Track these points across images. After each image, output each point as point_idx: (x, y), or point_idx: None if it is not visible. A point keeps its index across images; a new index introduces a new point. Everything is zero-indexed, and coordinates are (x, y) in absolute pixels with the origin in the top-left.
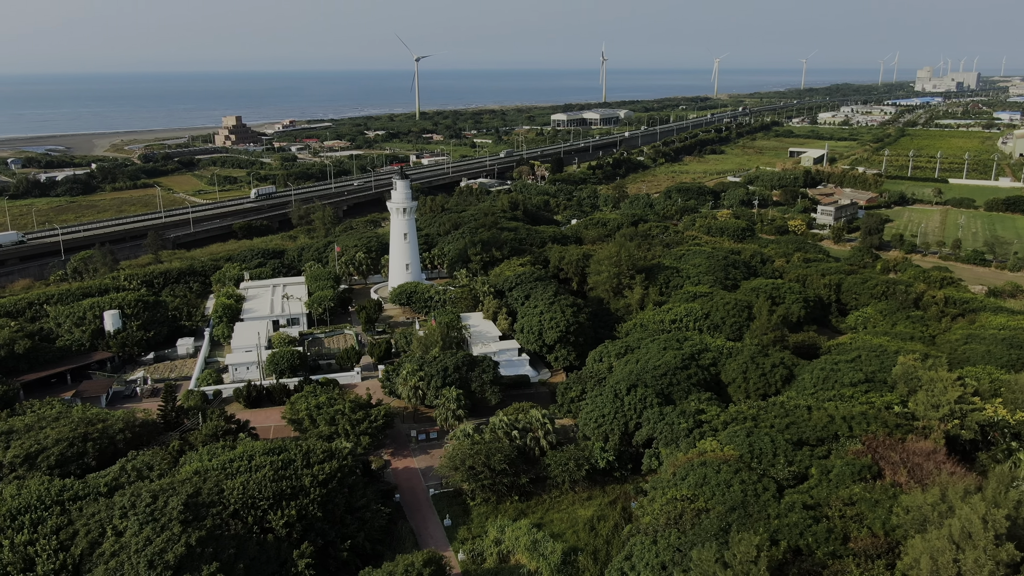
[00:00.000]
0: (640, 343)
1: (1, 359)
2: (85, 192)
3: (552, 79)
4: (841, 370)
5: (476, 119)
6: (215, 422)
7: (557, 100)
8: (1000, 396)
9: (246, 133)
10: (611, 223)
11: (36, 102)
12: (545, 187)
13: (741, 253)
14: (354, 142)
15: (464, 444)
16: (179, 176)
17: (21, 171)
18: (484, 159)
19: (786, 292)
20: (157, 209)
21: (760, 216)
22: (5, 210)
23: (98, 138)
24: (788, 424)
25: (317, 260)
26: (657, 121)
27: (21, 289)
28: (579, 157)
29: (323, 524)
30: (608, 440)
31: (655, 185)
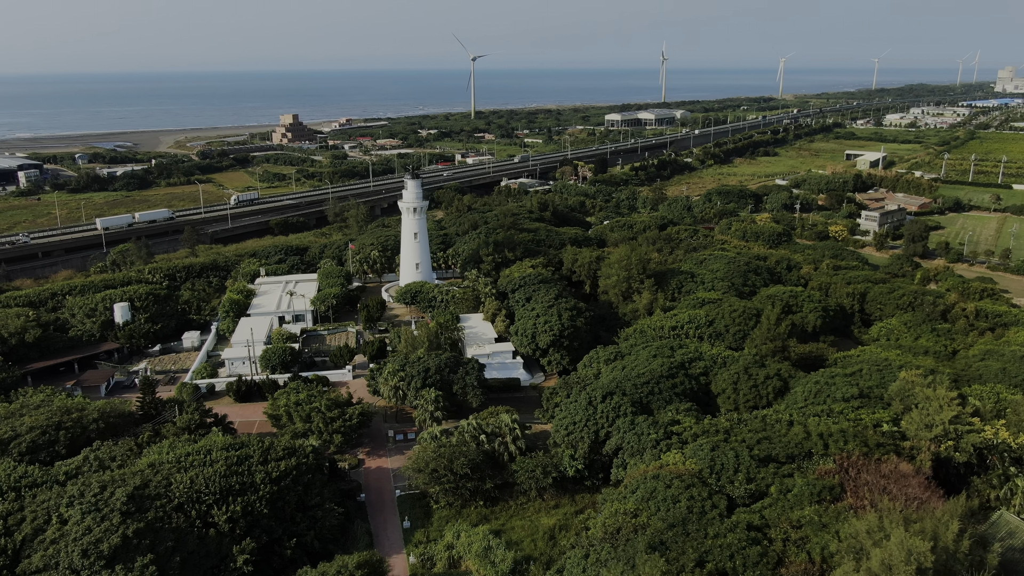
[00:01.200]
0: (632, 349)
1: (11, 347)
2: (141, 187)
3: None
4: (836, 384)
5: (530, 119)
6: (189, 415)
7: (615, 100)
8: (1004, 417)
9: (302, 131)
10: (637, 225)
11: (111, 100)
12: (585, 188)
13: (767, 259)
14: (406, 140)
15: (430, 447)
16: (232, 172)
17: (86, 166)
18: (527, 159)
19: (804, 300)
20: (203, 204)
21: (801, 221)
22: (56, 202)
23: (164, 135)
24: (760, 439)
25: (336, 258)
26: (712, 122)
27: (61, 279)
28: (627, 158)
29: (270, 521)
30: (578, 448)
31: (700, 187)
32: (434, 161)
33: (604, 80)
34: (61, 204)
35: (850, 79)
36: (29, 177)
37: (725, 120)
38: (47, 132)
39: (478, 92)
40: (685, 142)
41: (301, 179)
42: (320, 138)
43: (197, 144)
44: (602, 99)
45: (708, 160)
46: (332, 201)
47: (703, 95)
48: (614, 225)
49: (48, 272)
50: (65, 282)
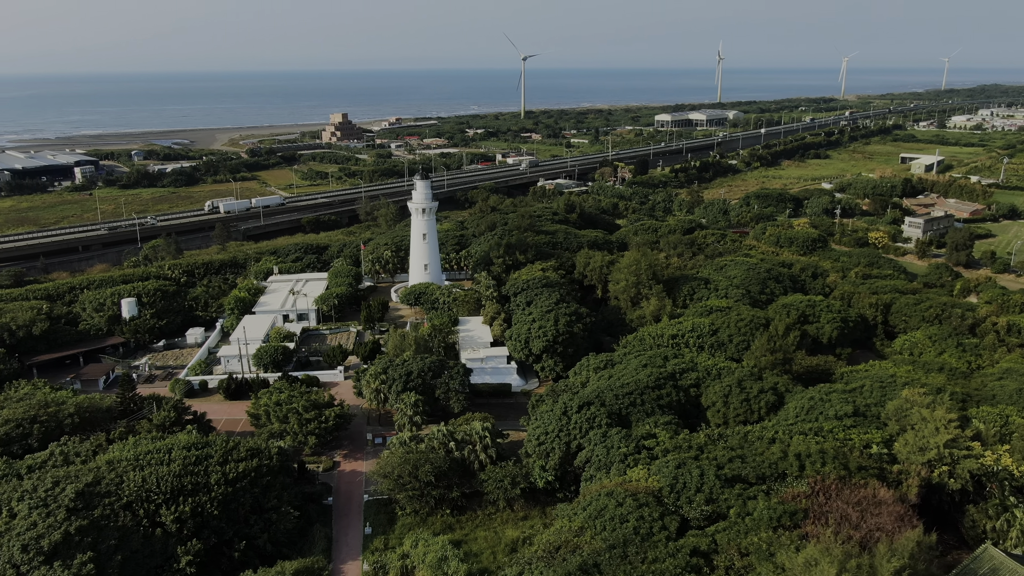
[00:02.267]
0: (624, 358)
1: (19, 339)
2: (188, 184)
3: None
4: (831, 401)
5: (579, 119)
6: (165, 413)
7: (670, 100)
8: (1009, 442)
9: (351, 130)
10: (662, 229)
11: (176, 98)
12: (621, 189)
13: (793, 265)
14: (452, 140)
15: (398, 452)
16: (278, 170)
17: (140, 163)
18: (566, 159)
19: (822, 310)
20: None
21: (841, 226)
22: (103, 198)
23: (220, 133)
24: (733, 458)
25: (353, 257)
26: (764, 123)
27: (97, 272)
28: (671, 159)
29: (220, 522)
30: (549, 459)
31: (742, 190)
32: (475, 161)
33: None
34: (111, 199)
35: (918, 79)
36: (84, 173)
37: (779, 121)
38: (112, 129)
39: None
40: (733, 143)
41: (342, 177)
42: (368, 137)
43: (250, 142)
44: (656, 99)
45: (754, 162)
46: (364, 200)
47: (761, 95)
48: (638, 228)
49: (84, 266)
50: (85, 276)
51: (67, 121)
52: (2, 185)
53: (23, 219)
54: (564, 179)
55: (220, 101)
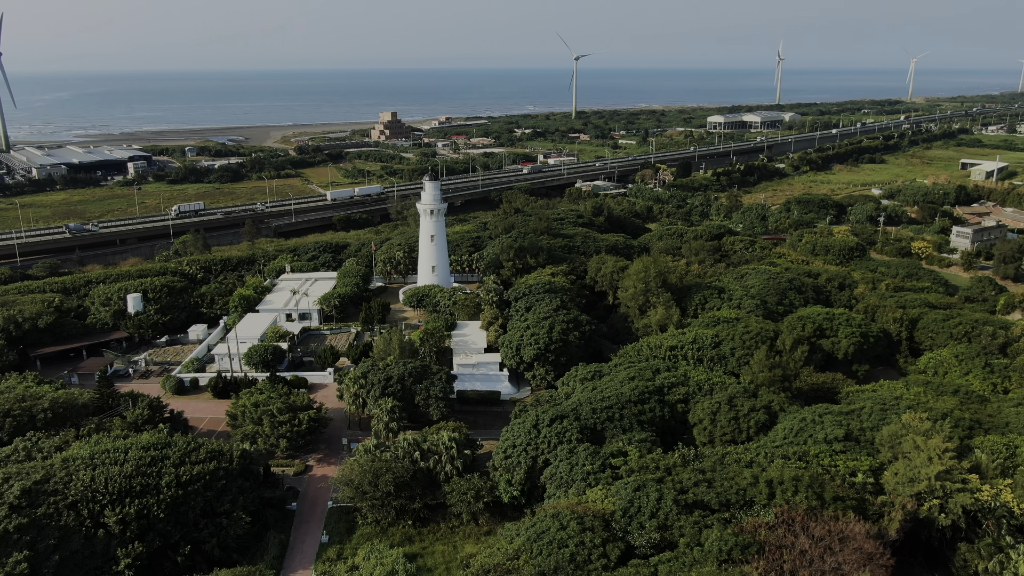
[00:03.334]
0: (614, 369)
1: (25, 331)
2: (233, 180)
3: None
4: (823, 423)
5: (630, 120)
6: (139, 411)
7: (726, 102)
8: (1013, 476)
9: (400, 128)
10: (688, 234)
11: (239, 96)
12: (659, 192)
13: (820, 275)
14: (498, 140)
15: (362, 460)
16: (322, 168)
17: (192, 158)
18: (607, 160)
19: (840, 324)
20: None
21: (884, 235)
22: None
23: (274, 130)
24: (699, 481)
25: (369, 257)
26: (819, 125)
27: (129, 266)
28: (717, 162)
29: (167, 525)
30: (515, 473)
31: (788, 195)
32: (516, 161)
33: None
34: (157, 194)
35: (994, 81)
36: (137, 168)
37: (837, 124)
38: (173, 126)
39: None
40: (784, 147)
41: (383, 176)
42: (417, 136)
43: (301, 139)
44: (713, 100)
45: (803, 166)
46: (395, 199)
47: (823, 97)
48: (663, 233)
49: (118, 259)
50: (102, 271)
51: (133, 117)
52: (58, 178)
53: (71, 212)
54: (603, 181)
55: (280, 99)
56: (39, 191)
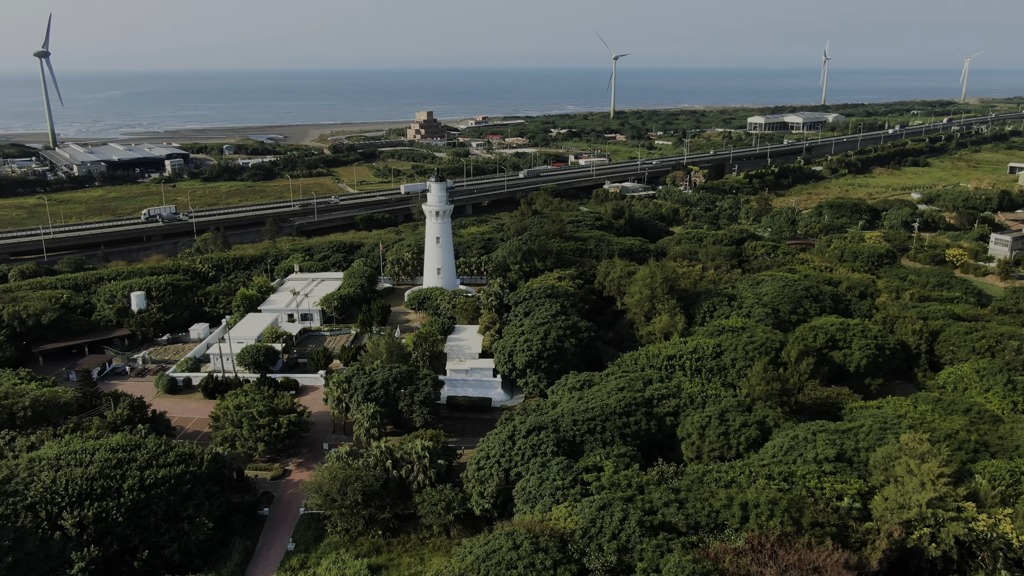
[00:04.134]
0: (605, 379)
1: (29, 327)
2: (266, 178)
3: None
4: (816, 442)
5: (669, 120)
6: (119, 410)
7: (768, 102)
8: (1015, 505)
9: (435, 127)
10: (708, 238)
11: (284, 95)
12: (688, 195)
13: (840, 283)
14: (533, 140)
15: (333, 467)
16: (355, 167)
17: (229, 156)
18: (636, 162)
19: (855, 335)
20: (300, 197)
21: (918, 241)
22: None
23: (313, 128)
24: (671, 501)
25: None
26: (862, 127)
27: (154, 262)
28: (754, 164)
29: (126, 529)
30: (487, 485)
31: (823, 198)
32: (547, 161)
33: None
34: (190, 191)
35: None
36: (174, 166)
37: (882, 126)
38: (217, 124)
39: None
40: (825, 148)
41: (413, 175)
42: (452, 135)
43: (339, 138)
44: (755, 100)
45: (841, 169)
46: (418, 198)
47: (871, 97)
48: (682, 237)
49: (142, 256)
50: (113, 268)
51: (179, 115)
52: (97, 175)
53: (105, 208)
54: (631, 182)
55: (324, 98)
56: (78, 187)
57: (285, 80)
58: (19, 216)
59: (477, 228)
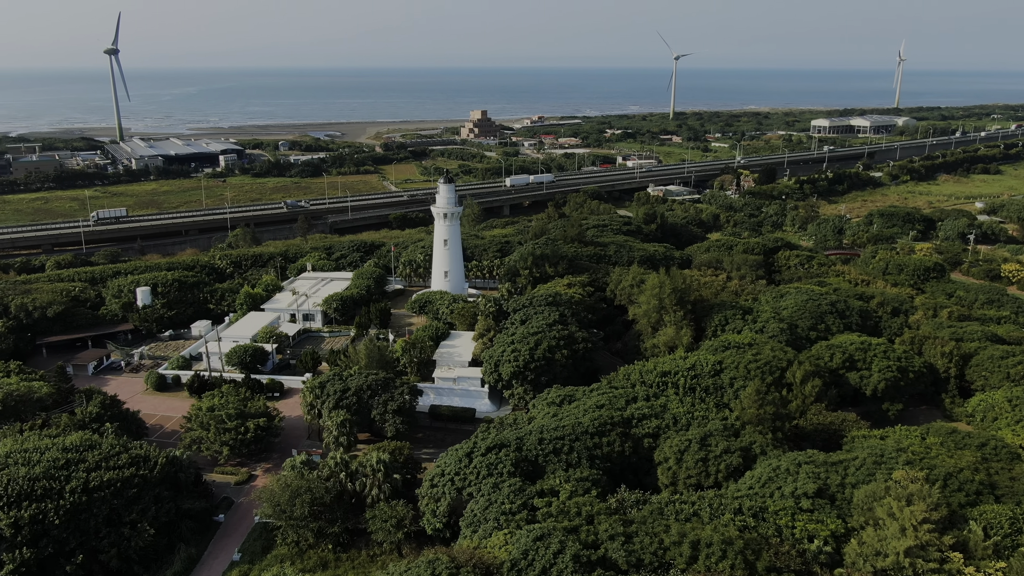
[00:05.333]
0: (588, 394)
1: (35, 319)
2: (314, 175)
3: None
4: (798, 475)
5: (729, 122)
6: (90, 408)
7: (837, 104)
8: (1010, 559)
9: (489, 127)
10: (738, 247)
11: (348, 92)
12: (734, 200)
13: (872, 298)
14: (586, 140)
15: (287, 477)
16: (403, 165)
17: (283, 152)
18: (683, 165)
19: (875, 356)
20: (339, 194)
21: (973, 254)
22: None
23: (371, 126)
24: (617, 535)
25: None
26: (932, 131)
27: (187, 256)
28: (812, 168)
29: (63, 532)
30: (440, 503)
31: (879, 205)
32: (596, 162)
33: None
34: (240, 186)
35: None
36: (227, 161)
37: (955, 131)
38: (279, 120)
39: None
40: (889, 153)
41: (459, 174)
42: (506, 135)
43: (393, 136)
44: (823, 103)
45: (903, 176)
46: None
47: (949, 101)
48: (711, 245)
49: (176, 249)
50: (132, 263)
51: (245, 111)
52: (152, 169)
53: (153, 202)
54: (677, 185)
55: (387, 95)
56: (134, 181)
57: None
58: (71, 207)
59: (500, 230)
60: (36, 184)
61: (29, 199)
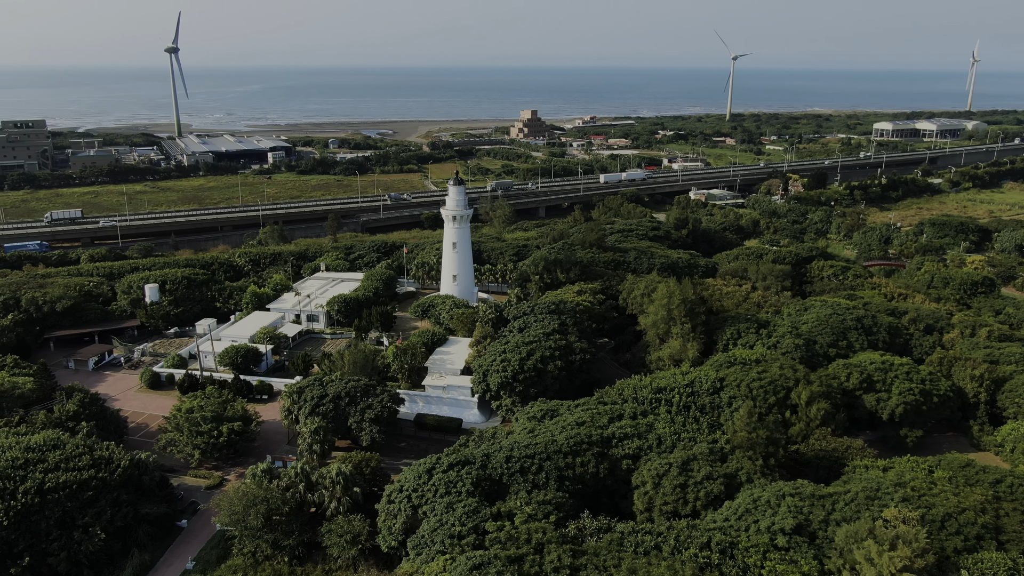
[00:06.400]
0: (571, 409)
1: (44, 313)
2: (360, 172)
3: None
4: (778, 508)
5: (787, 124)
6: (69, 406)
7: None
8: None
9: (539, 127)
10: (768, 255)
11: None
12: (778, 205)
13: (905, 314)
14: (636, 142)
15: (246, 485)
16: (448, 164)
17: (332, 150)
18: (728, 169)
19: (896, 378)
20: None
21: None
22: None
23: (423, 124)
24: (561, 567)
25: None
26: (1002, 136)
27: (218, 252)
28: (867, 173)
29: (11, 534)
30: (395, 521)
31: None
32: (642, 164)
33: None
34: (284, 182)
35: None
36: (275, 158)
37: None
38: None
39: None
40: (952, 159)
41: (500, 174)
42: (556, 135)
43: (444, 135)
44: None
45: (964, 183)
46: (487, 199)
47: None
48: (740, 252)
49: (209, 245)
50: (151, 259)
51: (303, 109)
52: (202, 165)
53: (195, 198)
54: (720, 189)
55: (444, 94)
56: (183, 176)
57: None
58: (119, 202)
59: (524, 233)
60: (90, 178)
61: (80, 193)
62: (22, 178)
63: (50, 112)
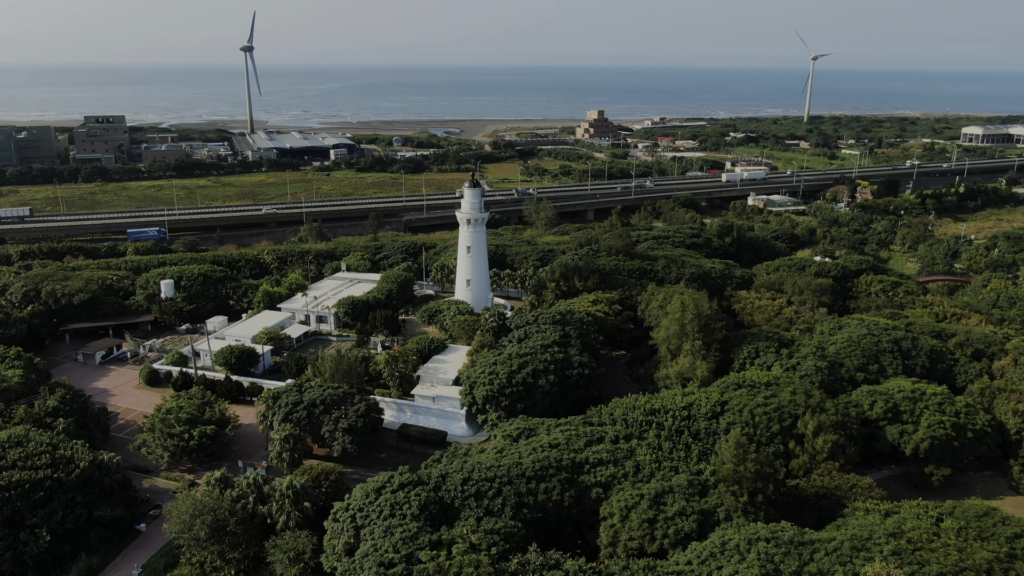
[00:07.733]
0: (550, 430)
1: (62, 306)
2: (415, 171)
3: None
4: (748, 556)
5: (868, 127)
6: (50, 401)
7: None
8: None
9: (605, 127)
10: (813, 266)
11: (482, 90)
12: (841, 214)
13: (951, 337)
14: (703, 144)
15: (197, 494)
16: (508, 164)
17: (395, 148)
18: (791, 174)
19: (925, 409)
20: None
21: None
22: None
23: (490, 123)
24: None
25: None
26: None
27: (261, 248)
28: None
29: None
30: (339, 540)
31: (1014, 226)
32: (704, 167)
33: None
34: (341, 179)
35: None
36: (337, 155)
37: None
38: (407, 117)
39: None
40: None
41: (558, 175)
42: (622, 135)
43: (509, 134)
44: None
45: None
46: (532, 200)
47: None
48: (781, 264)
49: (252, 241)
50: (176, 255)
51: (378, 107)
52: (265, 161)
53: (250, 193)
54: (782, 195)
55: (516, 93)
56: (246, 172)
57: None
58: (179, 195)
59: (555, 237)
60: (158, 172)
61: (146, 186)
62: (95, 171)
63: (138, 108)
